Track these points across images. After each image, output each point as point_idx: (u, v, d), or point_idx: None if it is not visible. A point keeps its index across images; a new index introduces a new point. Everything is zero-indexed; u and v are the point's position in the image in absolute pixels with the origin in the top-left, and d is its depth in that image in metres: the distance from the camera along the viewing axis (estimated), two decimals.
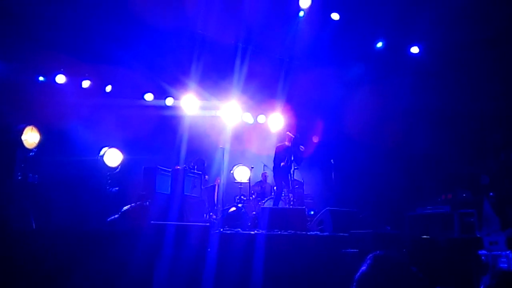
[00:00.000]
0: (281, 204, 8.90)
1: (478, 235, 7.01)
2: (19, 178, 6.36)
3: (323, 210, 7.94)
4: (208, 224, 6.61)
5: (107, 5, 8.45)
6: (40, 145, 6.88)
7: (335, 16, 10.07)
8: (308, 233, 7.05)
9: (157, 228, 5.66)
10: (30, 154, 6.77)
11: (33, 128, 6.82)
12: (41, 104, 8.60)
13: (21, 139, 6.54)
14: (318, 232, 7.30)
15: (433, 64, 10.12)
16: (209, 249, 5.65)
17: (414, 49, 10.54)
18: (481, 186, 8.73)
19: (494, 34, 8.92)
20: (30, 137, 6.77)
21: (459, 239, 7.05)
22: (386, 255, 2.09)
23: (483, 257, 6.30)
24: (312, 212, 9.02)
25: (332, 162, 9.72)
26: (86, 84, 9.74)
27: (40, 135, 6.89)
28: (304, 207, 8.38)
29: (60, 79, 9.41)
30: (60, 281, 4.73)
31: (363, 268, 2.10)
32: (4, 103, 8.30)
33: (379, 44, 10.72)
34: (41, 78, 9.41)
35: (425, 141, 9.86)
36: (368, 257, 2.13)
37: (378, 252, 2.14)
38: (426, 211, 8.18)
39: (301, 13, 10.18)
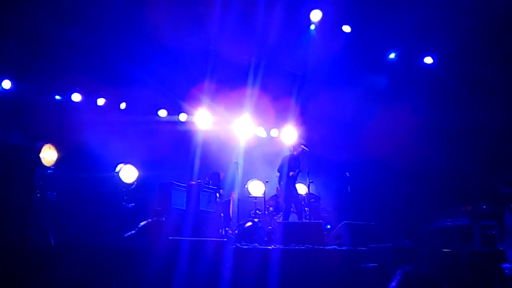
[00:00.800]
0: (292, 218, 8.77)
1: (501, 248, 6.81)
2: (38, 195, 6.45)
3: (341, 224, 7.83)
4: (225, 239, 6.57)
5: (120, 24, 8.62)
6: (57, 162, 6.98)
7: (346, 28, 10.09)
8: (326, 247, 6.95)
9: (174, 243, 5.65)
10: (48, 171, 6.87)
11: (51, 146, 6.92)
12: (58, 122, 8.76)
13: (39, 157, 6.64)
14: (336, 247, 7.19)
15: (448, 75, 10.02)
16: (226, 265, 5.60)
17: (428, 60, 10.47)
18: (501, 197, 8.51)
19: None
20: (48, 155, 6.86)
21: (481, 252, 6.85)
22: (416, 271, 2.01)
23: (506, 271, 6.11)
24: (328, 226, 8.89)
25: (348, 175, 9.61)
26: (101, 102, 9.91)
27: (57, 152, 6.98)
28: (321, 221, 8.28)
29: (76, 97, 9.59)
30: None
31: (393, 284, 2.02)
32: (22, 122, 8.48)
33: (392, 55, 10.68)
34: (57, 97, 9.61)
35: (443, 152, 9.68)
36: (397, 272, 2.05)
37: (407, 267, 2.06)
38: (446, 223, 7.98)
39: (312, 27, 10.23)
